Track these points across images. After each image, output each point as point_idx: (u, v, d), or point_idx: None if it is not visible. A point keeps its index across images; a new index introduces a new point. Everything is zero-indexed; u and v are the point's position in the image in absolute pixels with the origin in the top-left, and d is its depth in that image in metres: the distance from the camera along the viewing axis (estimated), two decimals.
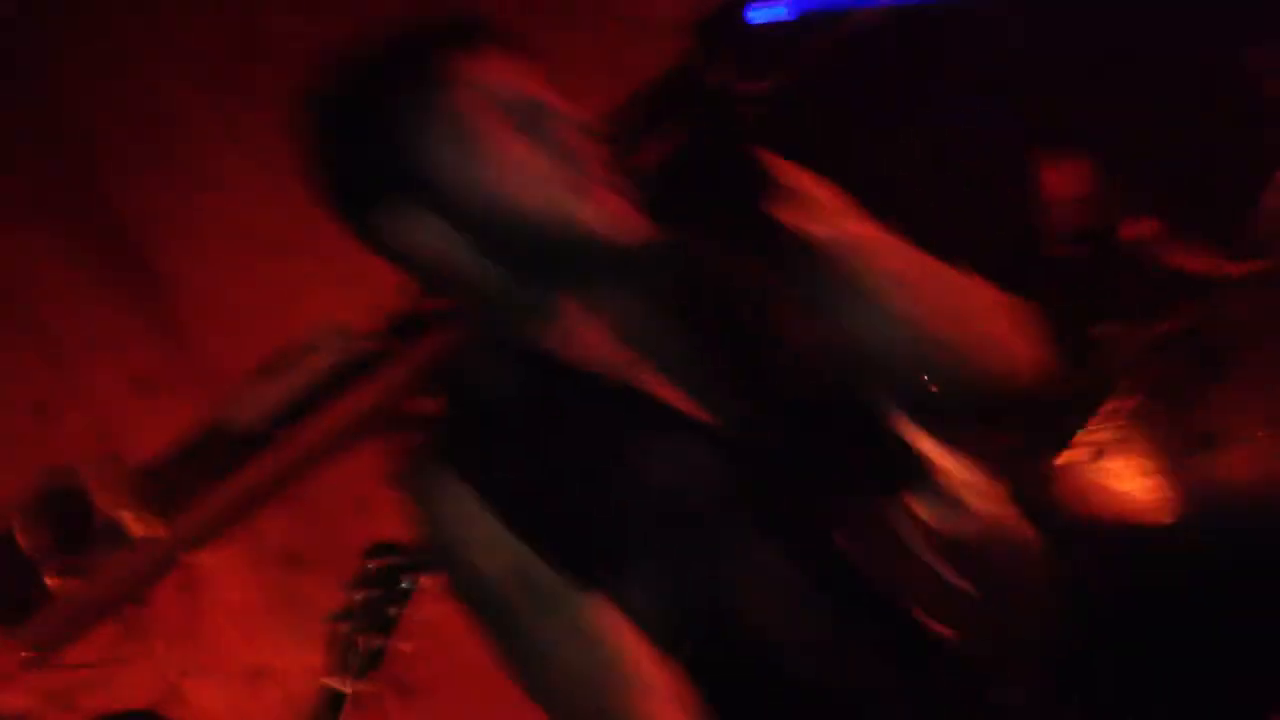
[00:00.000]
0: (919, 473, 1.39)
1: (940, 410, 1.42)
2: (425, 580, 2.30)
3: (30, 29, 3.23)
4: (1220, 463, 3.32)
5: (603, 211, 1.33)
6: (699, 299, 1.44)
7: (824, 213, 1.33)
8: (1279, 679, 1.45)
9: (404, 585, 2.30)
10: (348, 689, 2.26)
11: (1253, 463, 3.24)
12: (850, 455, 1.37)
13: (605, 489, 1.32)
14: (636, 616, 1.30)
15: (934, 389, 1.37)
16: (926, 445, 1.41)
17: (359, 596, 2.29)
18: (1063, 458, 3.41)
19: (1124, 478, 3.41)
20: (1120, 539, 1.66)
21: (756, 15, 3.40)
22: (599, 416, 1.36)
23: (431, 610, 2.36)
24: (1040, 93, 3.33)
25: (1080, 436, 3.40)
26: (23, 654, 3.15)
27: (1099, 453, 3.38)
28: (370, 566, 2.31)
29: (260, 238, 3.35)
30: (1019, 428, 3.55)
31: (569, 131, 1.35)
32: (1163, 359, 3.45)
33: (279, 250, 3.34)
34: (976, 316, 1.39)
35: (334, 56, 1.41)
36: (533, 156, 1.33)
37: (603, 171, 1.33)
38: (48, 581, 3.16)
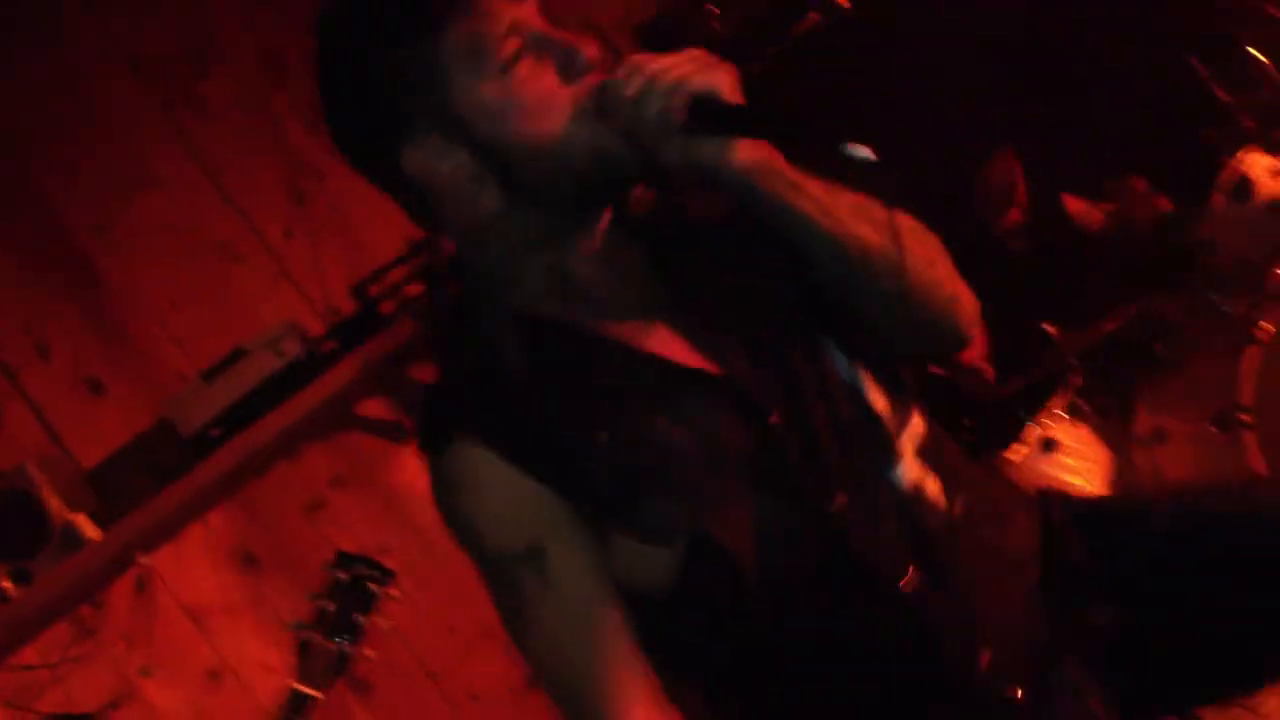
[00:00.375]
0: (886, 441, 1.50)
1: (895, 351, 1.56)
2: (390, 589, 2.37)
3: None
4: (1167, 457, 3.33)
5: (617, 151, 1.39)
6: (693, 246, 1.53)
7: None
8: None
9: (370, 593, 2.35)
10: (316, 693, 2.31)
11: (1197, 457, 3.26)
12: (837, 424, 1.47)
13: (616, 443, 1.43)
14: (637, 553, 1.43)
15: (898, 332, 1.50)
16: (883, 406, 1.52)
17: (328, 606, 2.34)
18: (1013, 452, 3.42)
19: (1074, 471, 3.43)
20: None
21: None
22: (605, 375, 1.46)
23: (392, 610, 2.41)
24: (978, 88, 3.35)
25: (1030, 430, 3.41)
26: None
27: (1049, 447, 3.40)
28: (339, 576, 2.35)
29: (206, 242, 3.36)
30: (970, 425, 3.58)
31: (594, 73, 1.41)
32: (1110, 355, 3.46)
33: (225, 254, 3.35)
34: (939, 264, 1.52)
35: None
36: (561, 93, 1.40)
37: (625, 113, 1.36)
38: (0, 584, 3.18)
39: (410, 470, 3.72)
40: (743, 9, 3.14)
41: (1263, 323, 3.15)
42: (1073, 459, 3.42)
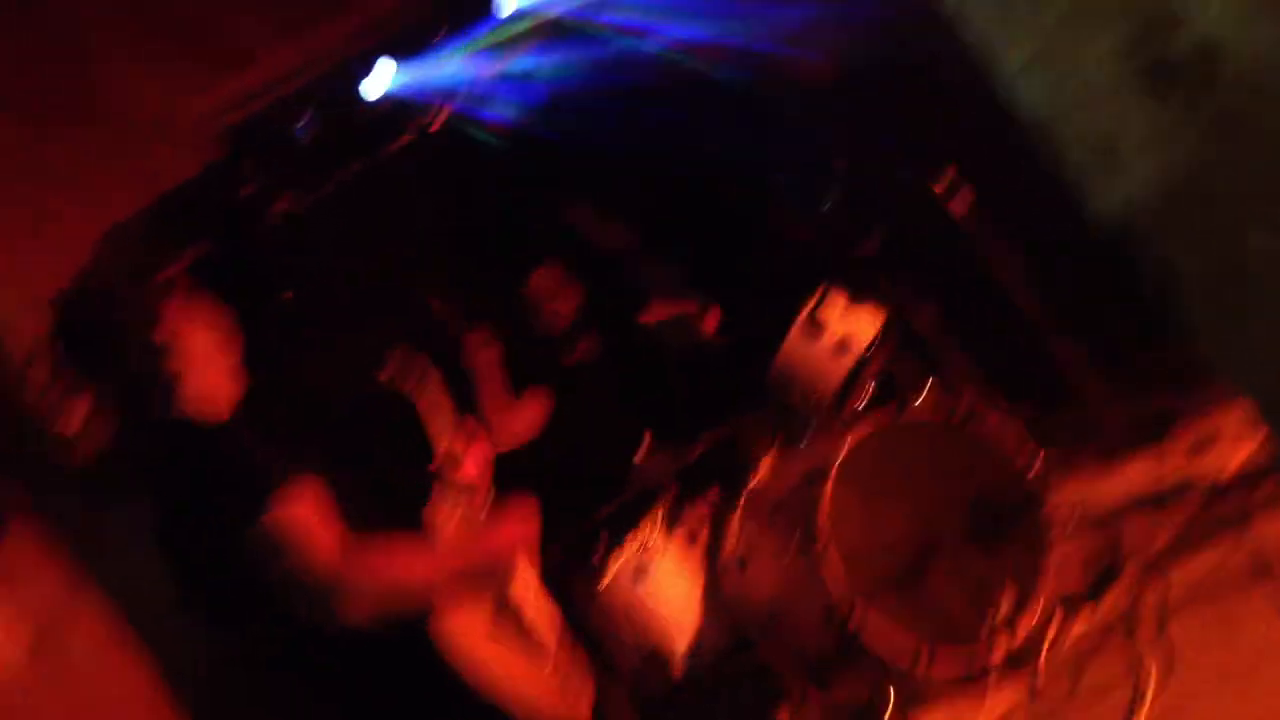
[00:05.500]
0: None
1: None
2: None
3: None
4: (753, 580, 3.38)
5: None
6: None
7: None
8: None
9: None
10: None
11: (781, 579, 3.31)
12: None
13: None
14: None
15: None
16: None
17: None
18: (605, 580, 3.42)
19: (663, 599, 3.43)
20: None
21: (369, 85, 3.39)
22: None
23: None
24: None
25: (618, 558, 3.42)
26: None
27: (639, 573, 3.40)
28: None
29: None
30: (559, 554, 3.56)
31: None
32: (699, 480, 3.54)
33: None
34: None
35: None
36: None
37: None
38: None
39: None
40: (338, 122, 3.22)
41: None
42: (663, 586, 3.42)
